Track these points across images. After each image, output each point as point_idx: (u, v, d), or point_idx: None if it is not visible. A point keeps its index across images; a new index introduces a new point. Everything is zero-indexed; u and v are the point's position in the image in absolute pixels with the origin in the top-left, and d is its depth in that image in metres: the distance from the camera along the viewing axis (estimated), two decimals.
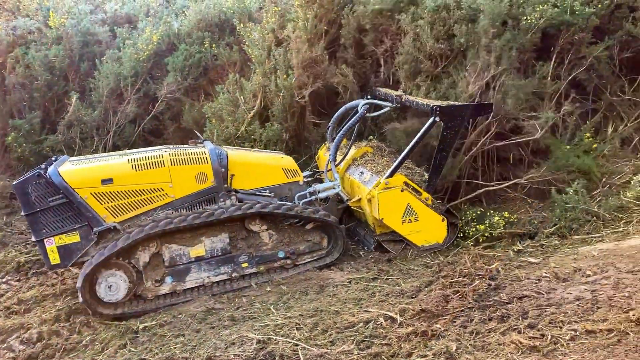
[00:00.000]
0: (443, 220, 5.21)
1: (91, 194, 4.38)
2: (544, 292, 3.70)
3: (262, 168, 5.07)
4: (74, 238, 4.40)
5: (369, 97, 5.70)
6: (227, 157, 4.81)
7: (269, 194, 4.98)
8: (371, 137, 6.21)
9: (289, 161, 5.26)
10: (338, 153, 5.51)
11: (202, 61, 6.77)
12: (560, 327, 3.20)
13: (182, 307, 4.45)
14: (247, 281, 4.70)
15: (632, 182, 5.26)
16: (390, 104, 5.48)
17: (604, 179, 5.42)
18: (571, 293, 3.62)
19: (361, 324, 3.63)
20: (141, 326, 4.16)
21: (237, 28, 6.46)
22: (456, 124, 4.98)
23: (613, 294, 3.50)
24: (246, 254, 4.74)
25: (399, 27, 5.53)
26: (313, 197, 5.16)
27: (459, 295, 3.83)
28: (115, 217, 4.46)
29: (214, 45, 6.76)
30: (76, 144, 6.92)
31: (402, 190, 5.02)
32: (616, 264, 3.95)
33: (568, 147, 5.48)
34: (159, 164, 4.56)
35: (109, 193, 4.42)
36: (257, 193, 4.93)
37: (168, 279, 4.57)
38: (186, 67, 6.78)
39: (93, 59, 7.33)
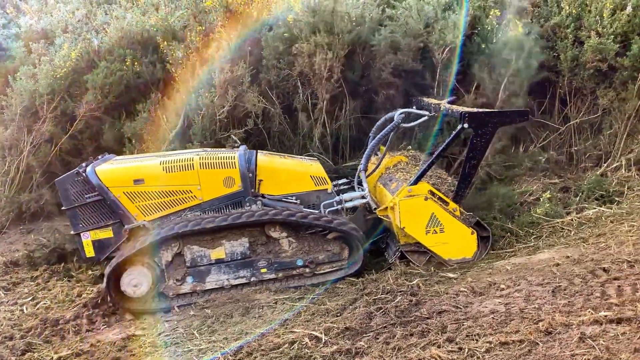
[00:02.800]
0: (473, 233, 4.95)
1: (124, 192, 4.62)
2: (461, 307, 3.84)
3: (290, 174, 5.08)
4: (107, 233, 4.68)
5: (414, 106, 5.67)
6: (256, 162, 4.86)
7: (295, 201, 4.96)
8: (409, 146, 6.15)
9: (318, 168, 5.23)
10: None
11: (123, 79, 6.59)
12: (477, 340, 3.33)
13: (100, 335, 4.26)
14: (265, 286, 4.75)
15: (541, 199, 5.61)
16: (428, 113, 5.41)
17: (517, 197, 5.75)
18: (487, 306, 3.79)
19: (286, 345, 3.62)
20: (55, 356, 3.95)
21: (161, 46, 6.35)
22: (486, 131, 4.81)
23: (524, 306, 3.70)
24: (265, 260, 4.78)
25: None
26: (339, 207, 5.07)
27: (382, 311, 3.90)
28: (145, 216, 4.68)
29: (136, 63, 6.61)
30: None
31: (425, 199, 4.82)
32: (527, 277, 4.17)
33: None
34: (189, 167, 4.72)
35: (141, 192, 4.65)
36: (284, 199, 4.92)
37: (189, 279, 4.70)
38: (107, 85, 6.56)
39: (6, 75, 6.96)
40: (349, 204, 5.11)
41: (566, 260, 4.41)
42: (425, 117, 5.41)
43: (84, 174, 4.63)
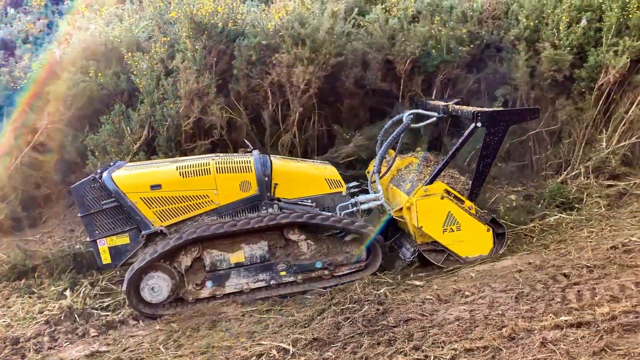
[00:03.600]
0: (488, 230, 5.03)
1: (141, 198, 4.59)
2: (427, 314, 3.89)
3: (305, 178, 5.10)
4: (124, 240, 4.64)
5: (419, 109, 5.74)
6: (272, 166, 4.86)
7: (311, 204, 4.96)
8: (418, 148, 6.17)
9: (332, 172, 5.26)
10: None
11: (86, 90, 6.47)
12: (442, 347, 3.38)
13: (62, 353, 4.16)
14: (284, 289, 4.77)
15: (502, 208, 5.73)
16: (436, 114, 5.52)
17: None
18: (452, 313, 3.84)
19: (254, 358, 3.60)
20: None
21: (125, 57, 6.27)
22: (499, 129, 4.93)
23: (488, 312, 3.76)
24: (284, 263, 4.79)
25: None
26: (355, 209, 5.09)
27: (350, 321, 3.92)
28: (162, 222, 4.65)
29: (99, 74, 6.51)
30: None
31: (442, 198, 4.90)
32: (491, 284, 4.25)
33: None
34: (205, 172, 4.71)
35: (158, 198, 4.62)
36: (300, 203, 4.94)
37: (208, 284, 4.69)
38: (69, 97, 6.44)
39: None
40: (364, 206, 5.14)
41: (528, 266, 4.52)
42: (434, 118, 5.54)
43: (100, 180, 4.58)
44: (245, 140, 5.69)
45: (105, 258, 4.66)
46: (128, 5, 7.51)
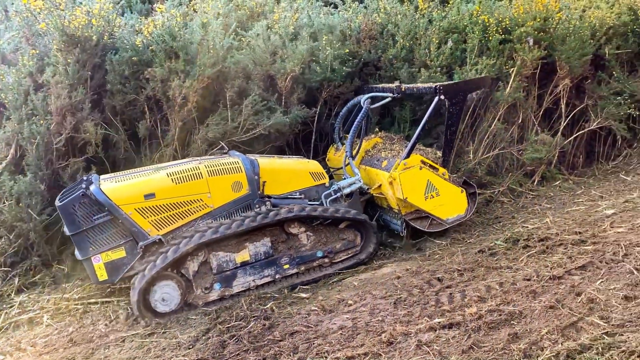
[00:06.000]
0: (462, 192, 5.59)
1: (135, 209, 4.47)
2: (312, 326, 3.96)
3: (291, 173, 5.22)
4: (120, 254, 4.51)
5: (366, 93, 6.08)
6: (259, 165, 4.94)
7: (300, 197, 5.15)
8: (376, 129, 6.46)
9: (315, 165, 5.44)
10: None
11: None
12: (326, 357, 3.46)
13: None
14: (288, 282, 4.92)
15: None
16: (391, 95, 5.88)
17: None
18: (335, 323, 3.95)
19: None
20: None
21: None
22: (459, 99, 5.47)
23: (369, 319, 3.91)
24: (287, 256, 4.94)
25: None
26: (338, 194, 5.27)
27: (235, 339, 3.89)
28: (159, 230, 4.57)
29: None
30: None
31: (420, 169, 5.32)
32: (372, 292, 4.43)
33: None
34: (197, 176, 4.69)
35: (152, 207, 4.52)
36: (289, 197, 5.10)
37: (216, 286, 4.68)
38: None
39: None
40: (346, 190, 5.34)
41: (406, 272, 4.76)
42: (389, 99, 5.93)
43: (90, 195, 4.36)
44: (221, 142, 5.74)
45: (102, 275, 4.48)
46: None
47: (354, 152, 5.81)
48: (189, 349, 3.88)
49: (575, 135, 7.48)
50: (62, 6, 5.64)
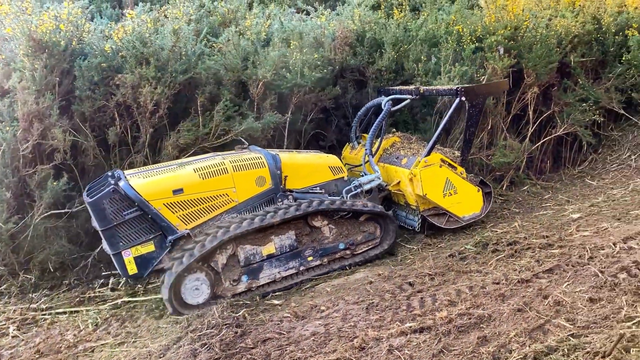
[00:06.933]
0: (478, 191, 5.83)
1: (164, 204, 4.56)
2: (285, 332, 3.95)
3: (311, 168, 5.40)
4: (149, 248, 4.60)
5: (382, 95, 6.35)
6: (280, 159, 5.10)
7: (321, 191, 5.36)
8: (393, 129, 6.69)
9: (334, 159, 5.61)
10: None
11: None
12: None
13: None
14: (311, 273, 5.10)
15: None
16: (410, 96, 6.02)
17: None
18: (308, 329, 3.95)
19: None
20: None
21: None
22: (479, 102, 5.70)
23: (342, 325, 3.93)
24: (311, 249, 5.10)
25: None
26: (359, 190, 5.48)
27: (207, 347, 3.84)
28: (186, 225, 4.69)
29: None
30: None
31: (440, 167, 5.55)
32: (345, 297, 4.44)
33: None
34: (223, 171, 4.83)
35: (180, 202, 4.64)
36: (310, 191, 5.30)
37: (244, 278, 4.81)
38: None
39: None
40: (366, 187, 5.55)
41: (378, 277, 4.80)
42: (408, 100, 6.07)
43: (120, 190, 4.44)
44: (241, 138, 5.78)
45: (132, 269, 4.56)
46: None
47: (373, 150, 6.02)
48: (160, 357, 3.83)
49: (542, 141, 7.66)
50: (28, 10, 5.55)
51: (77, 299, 5.03)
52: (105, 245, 4.59)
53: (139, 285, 5.33)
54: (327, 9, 8.06)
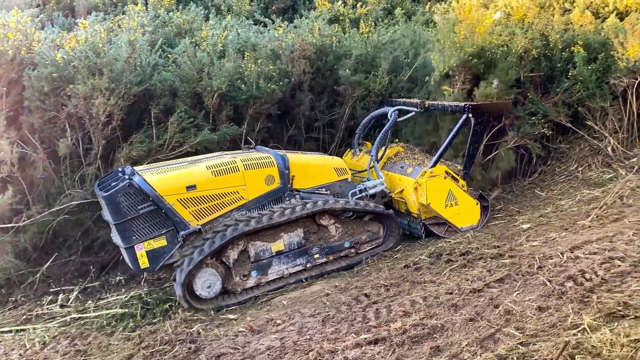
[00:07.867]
0: (477, 204, 6.09)
1: (177, 200, 4.70)
2: (240, 347, 3.92)
3: (317, 168, 5.60)
4: (161, 242, 4.71)
5: (385, 106, 6.63)
6: (288, 159, 5.26)
7: (326, 192, 5.53)
8: (396, 139, 6.92)
9: (338, 161, 5.86)
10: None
11: None
12: None
13: None
14: (317, 270, 5.31)
15: None
16: (415, 109, 6.24)
17: None
18: (264, 343, 3.92)
19: None
20: None
21: None
22: (484, 119, 6.05)
23: (297, 338, 3.92)
24: (317, 246, 5.30)
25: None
26: (363, 194, 5.70)
27: None
28: (198, 220, 4.83)
29: None
30: None
31: (444, 178, 5.79)
32: (301, 310, 4.44)
33: None
34: (235, 169, 5.00)
35: (193, 198, 4.78)
36: (316, 192, 5.47)
37: (254, 273, 5.00)
38: None
39: None
40: (371, 191, 5.77)
41: (335, 289, 4.81)
42: (413, 113, 6.31)
43: (135, 185, 4.53)
44: (248, 138, 5.93)
45: (144, 262, 4.66)
46: None
47: (380, 158, 6.21)
48: None
49: (494, 154, 7.86)
50: None
51: (24, 317, 4.86)
52: (116, 238, 4.69)
53: (89, 302, 5.19)
54: (285, 21, 8.08)
